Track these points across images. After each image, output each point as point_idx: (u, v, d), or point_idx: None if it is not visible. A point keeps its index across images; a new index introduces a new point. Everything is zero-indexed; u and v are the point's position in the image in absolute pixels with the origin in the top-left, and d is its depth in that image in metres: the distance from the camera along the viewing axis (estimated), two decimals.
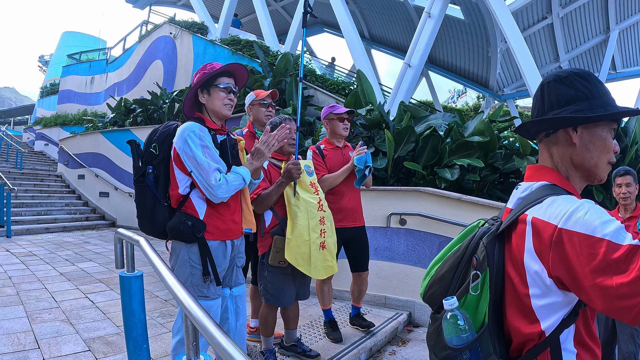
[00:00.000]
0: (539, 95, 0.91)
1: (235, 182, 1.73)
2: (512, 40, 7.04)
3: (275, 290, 2.31)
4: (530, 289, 0.78)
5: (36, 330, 2.86)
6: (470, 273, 0.86)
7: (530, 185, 0.89)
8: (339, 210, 2.79)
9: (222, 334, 0.88)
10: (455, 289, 0.90)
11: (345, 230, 2.82)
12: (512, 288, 0.81)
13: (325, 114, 2.92)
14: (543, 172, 0.90)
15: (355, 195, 2.90)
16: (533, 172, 0.93)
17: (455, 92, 27.04)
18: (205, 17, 12.55)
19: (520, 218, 0.82)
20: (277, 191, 2.23)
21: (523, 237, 0.80)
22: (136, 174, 1.77)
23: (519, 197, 0.90)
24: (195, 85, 1.81)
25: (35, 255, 5.60)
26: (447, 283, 0.91)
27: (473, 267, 0.86)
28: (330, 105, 2.92)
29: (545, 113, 0.88)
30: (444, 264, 0.94)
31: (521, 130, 0.97)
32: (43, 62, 28.41)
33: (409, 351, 3.04)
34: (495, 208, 3.38)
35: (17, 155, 11.80)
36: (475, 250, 0.87)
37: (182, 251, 1.73)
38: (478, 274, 0.84)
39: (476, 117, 4.65)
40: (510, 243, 0.83)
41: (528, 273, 0.78)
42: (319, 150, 2.89)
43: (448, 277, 0.91)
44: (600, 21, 13.12)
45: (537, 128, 0.92)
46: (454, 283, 0.90)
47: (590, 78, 0.86)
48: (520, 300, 0.80)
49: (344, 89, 7.80)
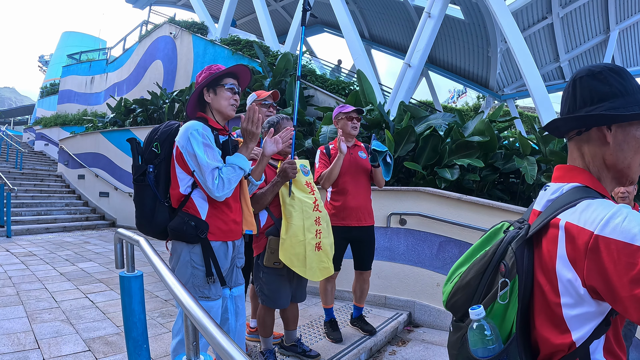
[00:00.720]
0: (570, 91, 0.86)
1: (231, 175, 1.70)
2: (512, 40, 7.04)
3: (270, 292, 2.30)
4: (562, 298, 0.73)
5: (36, 330, 2.86)
6: (499, 280, 0.81)
7: (560, 186, 0.84)
8: (342, 209, 2.80)
9: (222, 334, 0.88)
10: (481, 297, 0.85)
11: (349, 229, 2.81)
12: (542, 296, 0.77)
13: (335, 114, 2.96)
14: (574, 173, 0.85)
15: (360, 193, 2.87)
16: (563, 172, 0.88)
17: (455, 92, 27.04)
18: (205, 17, 12.55)
19: (552, 222, 0.78)
20: (272, 191, 2.22)
21: (555, 243, 0.75)
22: (136, 173, 1.75)
23: (549, 199, 0.85)
24: (201, 84, 1.80)
25: (35, 255, 5.60)
26: (473, 290, 0.87)
27: (501, 274, 0.81)
28: (340, 106, 2.94)
29: (577, 110, 0.84)
30: (469, 270, 0.89)
31: (551, 128, 0.91)
32: (43, 62, 28.42)
33: (409, 351, 3.04)
34: (496, 208, 3.38)
35: (17, 155, 11.80)
36: (504, 256, 0.82)
37: (183, 252, 1.72)
38: (507, 281, 0.79)
39: (476, 117, 4.65)
40: (541, 249, 0.79)
41: (560, 281, 0.74)
42: (326, 150, 2.91)
43: (474, 284, 0.86)
44: (600, 21, 13.11)
45: (569, 125, 0.87)
46: (479, 290, 0.86)
47: (625, 74, 0.82)
48: (550, 309, 0.76)
49: (344, 89, 7.80)
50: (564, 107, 0.88)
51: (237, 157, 1.76)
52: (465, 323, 0.87)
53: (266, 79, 7.35)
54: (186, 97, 8.68)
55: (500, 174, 4.40)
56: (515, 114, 15.52)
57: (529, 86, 6.97)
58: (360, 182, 2.87)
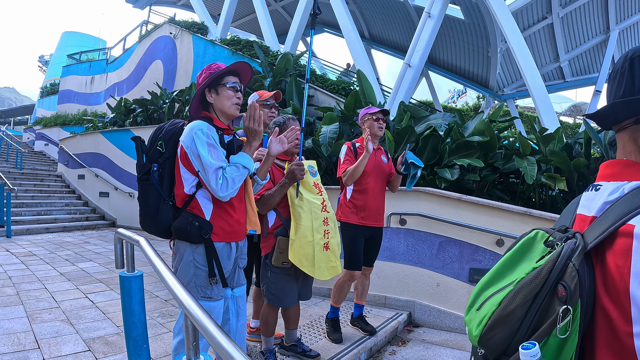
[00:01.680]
0: (627, 71, 0.71)
1: (235, 174, 1.69)
2: (512, 40, 7.04)
3: (277, 291, 2.31)
4: (636, 327, 0.58)
5: (36, 330, 2.86)
6: (557, 307, 0.64)
7: (619, 185, 0.70)
8: (363, 208, 2.82)
9: (222, 334, 0.88)
10: (529, 329, 0.67)
11: (369, 229, 2.86)
12: (607, 324, 0.63)
13: (361, 115, 2.99)
14: (636, 169, 0.70)
15: (380, 195, 2.93)
16: (620, 168, 0.73)
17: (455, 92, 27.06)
18: (205, 17, 12.55)
19: (621, 230, 0.63)
20: (280, 192, 2.23)
21: (628, 257, 0.60)
22: (140, 172, 1.74)
23: (606, 201, 0.70)
24: (202, 85, 1.79)
25: (35, 255, 5.60)
26: (518, 322, 0.68)
27: (560, 299, 0.65)
28: (366, 107, 2.98)
29: (636, 92, 0.70)
30: (513, 296, 0.69)
31: (604, 114, 0.75)
32: (43, 62, 28.44)
33: (409, 351, 3.04)
34: (496, 208, 3.38)
35: (17, 155, 11.79)
36: (562, 276, 0.65)
37: (186, 252, 1.72)
38: (569, 308, 0.63)
39: (476, 117, 4.65)
40: (605, 264, 0.64)
41: (634, 305, 0.59)
42: (353, 147, 2.92)
43: (519, 314, 0.68)
44: (600, 21, 13.11)
45: (630, 110, 0.72)
46: (527, 321, 0.67)
47: None
48: (618, 340, 0.61)
49: (344, 89, 7.80)
50: (617, 90, 0.73)
51: (241, 156, 1.75)
52: None
53: (266, 79, 7.35)
54: (186, 97, 8.68)
55: (500, 174, 4.40)
56: (515, 114, 15.53)
57: (529, 86, 6.98)
58: (381, 185, 2.92)
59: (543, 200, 4.24)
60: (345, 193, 2.91)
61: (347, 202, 2.86)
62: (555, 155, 3.88)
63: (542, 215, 3.18)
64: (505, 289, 0.72)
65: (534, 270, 0.69)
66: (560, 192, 4.13)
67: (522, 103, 20.35)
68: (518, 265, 0.75)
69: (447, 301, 3.54)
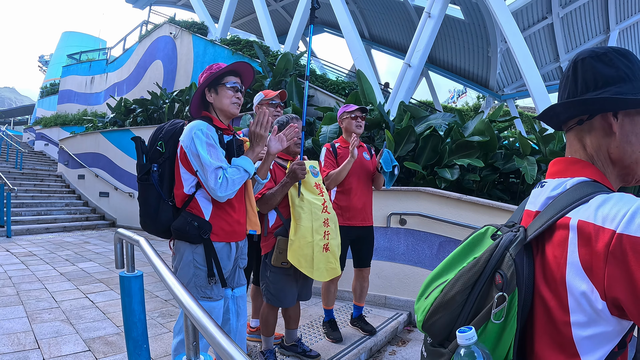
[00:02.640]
0: (571, 74, 0.75)
1: (236, 176, 1.70)
2: (512, 40, 7.04)
3: (277, 291, 2.31)
4: (572, 316, 0.61)
5: (36, 330, 2.86)
6: (494, 295, 0.66)
7: (561, 182, 0.72)
8: (347, 209, 2.81)
9: (222, 334, 0.88)
10: (469, 315, 0.70)
11: (354, 229, 2.84)
12: (546, 314, 0.65)
13: (339, 113, 2.97)
14: (578, 167, 0.73)
15: (365, 194, 2.91)
16: (564, 166, 0.76)
17: (455, 92, 27.07)
18: (205, 17, 12.56)
19: (559, 223, 0.65)
20: (281, 191, 2.23)
21: (564, 248, 0.62)
22: (140, 172, 1.75)
23: (548, 196, 0.72)
24: (202, 84, 1.79)
25: (35, 255, 5.60)
26: (458, 308, 0.70)
27: (497, 287, 0.67)
28: (344, 106, 2.96)
29: (578, 95, 0.73)
30: (453, 283, 0.72)
31: (548, 116, 0.79)
32: (43, 62, 28.44)
33: (409, 351, 3.04)
34: (496, 208, 3.38)
35: (17, 155, 11.79)
36: (500, 265, 0.68)
37: (186, 252, 1.72)
38: (505, 296, 0.65)
39: (476, 117, 4.65)
40: (544, 255, 0.66)
41: (570, 294, 0.61)
42: (332, 148, 2.90)
43: (459, 301, 0.70)
44: (600, 21, 13.12)
45: (570, 112, 0.75)
46: (467, 308, 0.70)
47: (632, 57, 0.72)
48: (556, 329, 0.63)
49: (344, 89, 7.80)
50: (563, 93, 0.77)
51: (242, 160, 1.76)
52: (447, 348, 0.71)
53: (266, 79, 7.36)
54: (186, 97, 8.68)
55: (500, 174, 4.41)
56: (515, 114, 15.52)
57: (529, 86, 6.98)
58: (364, 183, 2.90)
59: None
60: (329, 195, 2.91)
61: (332, 203, 2.85)
62: (555, 155, 3.88)
63: None
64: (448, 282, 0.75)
65: (473, 259, 0.72)
66: None
67: (522, 103, 20.37)
68: (465, 258, 0.78)
69: None
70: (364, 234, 2.91)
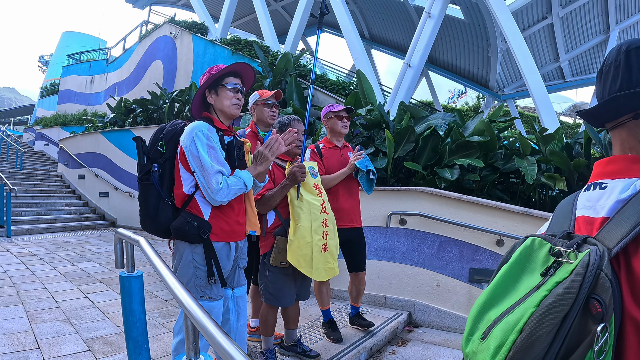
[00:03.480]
0: (623, 64, 0.67)
1: (236, 187, 1.71)
2: (512, 40, 7.04)
3: (275, 290, 2.31)
4: None
5: (36, 330, 2.86)
6: (591, 327, 0.54)
7: (629, 182, 0.64)
8: (335, 211, 2.78)
9: (222, 334, 0.88)
10: (556, 356, 0.56)
11: (342, 230, 2.80)
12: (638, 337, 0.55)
13: (324, 113, 2.92)
14: None
15: (351, 196, 2.88)
16: (625, 164, 0.67)
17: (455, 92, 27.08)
18: (205, 17, 12.55)
19: None
20: (280, 193, 2.24)
21: None
22: (141, 172, 1.75)
23: (619, 199, 0.63)
24: (202, 85, 1.80)
25: (35, 255, 5.60)
26: (544, 350, 0.56)
27: (594, 317, 0.55)
28: (328, 105, 2.92)
29: (634, 85, 0.66)
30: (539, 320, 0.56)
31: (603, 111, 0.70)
32: (43, 62, 28.45)
33: (409, 351, 3.04)
34: (496, 208, 3.38)
35: (17, 155, 11.80)
36: (594, 289, 0.56)
37: (185, 252, 1.72)
38: (607, 327, 0.54)
39: (476, 117, 4.65)
40: (631, 270, 0.57)
41: None
42: (317, 149, 2.87)
43: (547, 341, 0.56)
44: (600, 21, 13.12)
45: (633, 104, 0.67)
46: (554, 349, 0.56)
47: None
48: None
49: (344, 89, 7.80)
50: (613, 85, 0.68)
51: (245, 174, 1.78)
52: None
53: (266, 79, 7.36)
54: (186, 97, 8.68)
55: (500, 174, 4.40)
56: (515, 114, 15.53)
57: (529, 86, 6.98)
58: (350, 184, 2.86)
59: (543, 200, 4.24)
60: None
61: None
62: (555, 155, 3.88)
63: (542, 215, 3.18)
64: (515, 310, 0.61)
65: (557, 285, 0.58)
66: (560, 192, 4.13)
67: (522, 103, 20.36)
68: (520, 280, 0.65)
69: (447, 301, 3.54)
70: (353, 236, 2.87)
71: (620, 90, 0.67)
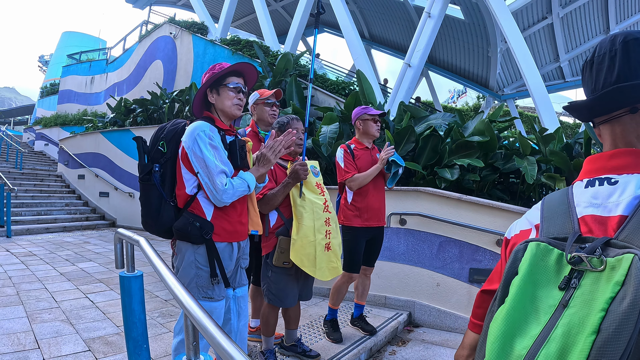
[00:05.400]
0: (620, 56, 0.65)
1: (240, 188, 1.72)
2: (512, 40, 7.04)
3: (278, 291, 2.31)
4: None
5: (36, 330, 2.86)
6: None
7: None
8: (365, 210, 2.82)
9: (222, 334, 0.88)
10: None
11: (372, 229, 2.85)
12: None
13: (358, 114, 2.94)
14: None
15: (380, 194, 2.93)
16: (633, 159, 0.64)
17: (455, 92, 27.09)
18: (205, 17, 12.55)
19: None
20: (283, 192, 2.23)
21: None
22: (142, 172, 1.74)
23: (636, 195, 0.59)
24: (204, 84, 1.79)
25: (35, 255, 5.60)
26: None
27: None
28: (362, 107, 2.95)
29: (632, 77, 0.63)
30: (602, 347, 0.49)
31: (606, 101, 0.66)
32: (43, 62, 28.45)
33: (409, 351, 3.04)
34: (496, 208, 3.38)
35: (17, 155, 11.79)
36: None
37: (187, 252, 1.72)
38: None
39: (476, 117, 4.66)
40: None
41: None
42: (349, 149, 2.90)
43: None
44: (600, 21, 13.12)
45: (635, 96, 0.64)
46: None
47: None
48: None
49: (344, 89, 7.80)
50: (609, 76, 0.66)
51: (248, 175, 1.79)
52: None
53: (266, 79, 7.36)
54: (186, 97, 8.68)
55: (500, 174, 4.41)
56: (515, 114, 15.53)
57: (529, 86, 6.98)
58: (379, 184, 2.92)
59: None
60: (345, 197, 2.89)
61: (349, 205, 2.85)
62: (555, 155, 3.88)
63: None
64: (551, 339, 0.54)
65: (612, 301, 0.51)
66: None
67: (522, 103, 20.37)
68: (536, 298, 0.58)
69: (447, 301, 3.54)
70: (378, 234, 2.94)
71: (618, 82, 0.64)
